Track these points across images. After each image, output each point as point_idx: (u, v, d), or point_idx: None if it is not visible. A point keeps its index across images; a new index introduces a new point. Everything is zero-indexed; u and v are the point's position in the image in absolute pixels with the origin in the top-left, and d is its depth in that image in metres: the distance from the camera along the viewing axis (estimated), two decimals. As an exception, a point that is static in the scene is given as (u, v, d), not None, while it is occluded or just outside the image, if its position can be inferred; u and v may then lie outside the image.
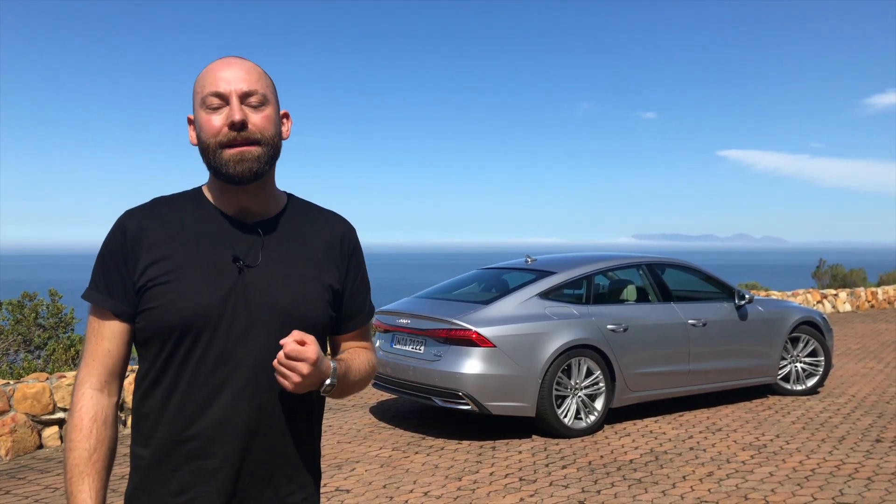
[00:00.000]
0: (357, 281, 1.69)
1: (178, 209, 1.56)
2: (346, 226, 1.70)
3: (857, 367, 9.28)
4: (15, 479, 5.24)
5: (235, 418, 1.48)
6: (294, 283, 1.55)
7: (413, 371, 6.25)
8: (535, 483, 4.95)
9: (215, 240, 1.53)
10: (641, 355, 6.55)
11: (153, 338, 1.49)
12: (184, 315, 1.45)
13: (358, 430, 6.50)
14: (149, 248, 1.49)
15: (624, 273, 7.22)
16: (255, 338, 1.49)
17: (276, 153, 1.55)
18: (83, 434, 1.46)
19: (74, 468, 1.45)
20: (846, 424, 6.33)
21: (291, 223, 1.62)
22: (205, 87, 1.49)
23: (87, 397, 1.49)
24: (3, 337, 8.50)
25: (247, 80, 1.49)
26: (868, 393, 7.65)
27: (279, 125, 1.56)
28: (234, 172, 1.48)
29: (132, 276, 1.49)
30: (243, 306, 1.49)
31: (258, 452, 1.50)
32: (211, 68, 1.51)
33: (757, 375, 7.39)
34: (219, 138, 1.48)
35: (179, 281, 1.47)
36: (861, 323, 14.14)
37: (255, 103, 1.50)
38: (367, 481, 5.07)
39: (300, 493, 1.58)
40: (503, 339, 5.98)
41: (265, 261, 1.54)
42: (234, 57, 1.53)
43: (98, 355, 1.51)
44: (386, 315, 6.85)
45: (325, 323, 1.60)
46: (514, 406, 5.99)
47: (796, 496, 4.57)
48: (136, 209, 1.56)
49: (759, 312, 7.46)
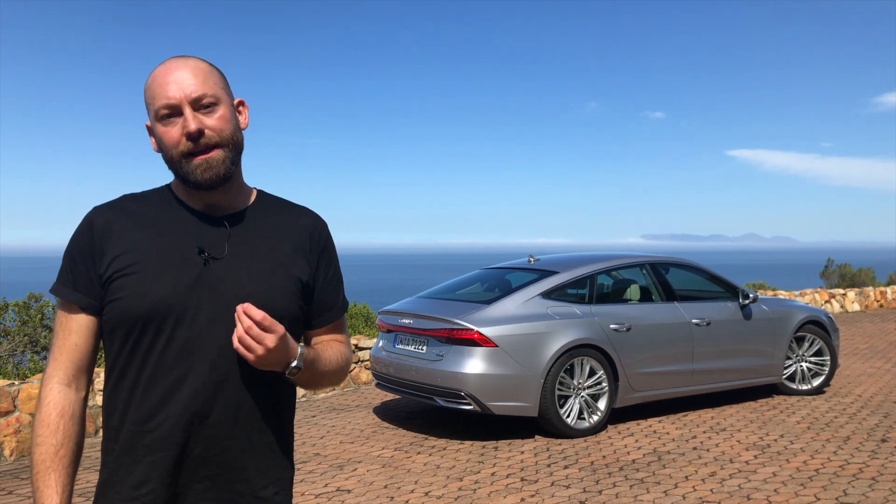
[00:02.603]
0: (329, 275, 1.68)
1: (146, 204, 1.58)
2: (317, 220, 1.70)
3: (865, 366, 9.21)
4: (18, 479, 5.26)
5: (197, 409, 1.47)
6: (261, 274, 1.55)
7: (415, 371, 6.25)
8: (536, 483, 4.94)
9: (181, 232, 1.54)
10: (645, 355, 6.53)
11: (118, 328, 1.49)
12: (147, 305, 1.46)
13: (361, 431, 6.50)
14: (116, 240, 1.50)
15: (627, 272, 7.19)
16: (220, 329, 1.49)
17: (239, 150, 1.56)
18: (50, 430, 1.46)
19: (41, 464, 1.45)
20: (852, 424, 6.29)
21: (260, 216, 1.62)
22: (155, 98, 1.49)
23: (54, 392, 1.49)
24: (10, 338, 8.56)
25: (195, 85, 1.48)
26: (875, 392, 7.60)
27: (236, 120, 1.56)
28: (203, 180, 1.50)
29: (98, 268, 1.50)
30: (208, 297, 1.49)
31: (224, 444, 1.50)
32: (156, 76, 1.50)
33: (762, 375, 7.35)
34: (180, 149, 1.49)
35: (144, 272, 1.48)
36: (870, 323, 14.04)
37: (208, 106, 1.50)
38: (368, 481, 5.07)
39: (273, 486, 1.57)
40: (505, 338, 5.97)
41: (231, 253, 1.55)
42: (176, 59, 1.53)
43: (65, 349, 1.51)
44: (388, 315, 6.86)
45: (294, 315, 1.59)
46: (516, 406, 5.98)
47: (799, 496, 4.53)
48: (105, 205, 1.57)
49: (763, 312, 7.42)
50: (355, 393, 8.29)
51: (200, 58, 1.56)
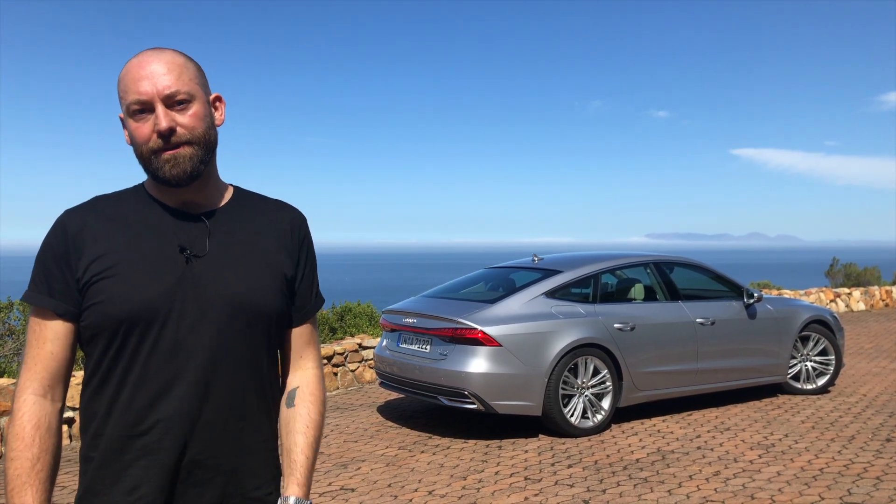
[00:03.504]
0: (307, 269, 1.65)
1: (121, 205, 1.53)
2: (296, 214, 1.67)
3: (870, 366, 9.19)
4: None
5: (189, 411, 1.44)
6: (245, 271, 1.52)
7: (419, 370, 6.25)
8: (540, 482, 4.94)
9: (160, 231, 1.49)
10: (649, 354, 6.52)
11: (99, 334, 1.44)
12: (130, 307, 1.42)
13: (365, 430, 6.51)
14: (91, 244, 1.46)
15: (631, 272, 7.18)
16: (206, 328, 1.46)
17: (210, 148, 1.52)
18: (25, 443, 1.40)
19: (16, 479, 1.39)
20: (856, 424, 6.27)
21: (238, 212, 1.59)
22: (127, 92, 1.45)
23: (29, 403, 1.43)
24: (15, 336, 8.57)
25: (168, 80, 1.44)
26: (880, 392, 7.58)
27: (210, 117, 1.53)
28: (170, 176, 1.46)
29: (75, 273, 1.45)
30: (192, 297, 1.46)
31: (216, 445, 1.47)
32: (129, 70, 1.46)
33: (766, 374, 7.34)
34: (150, 145, 1.45)
35: (124, 274, 1.43)
36: (875, 322, 14.00)
37: (181, 103, 1.46)
38: (372, 480, 5.07)
39: (265, 486, 1.55)
40: (509, 338, 5.96)
41: (213, 250, 1.51)
42: (151, 51, 1.48)
43: (40, 359, 1.45)
44: (392, 314, 6.86)
45: (280, 311, 1.57)
46: (520, 405, 5.98)
47: (803, 496, 4.52)
48: (77, 207, 1.53)
49: (768, 311, 7.40)
50: (359, 392, 8.30)
51: (177, 50, 1.51)
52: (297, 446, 1.57)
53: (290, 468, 1.56)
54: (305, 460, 1.57)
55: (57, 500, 4.74)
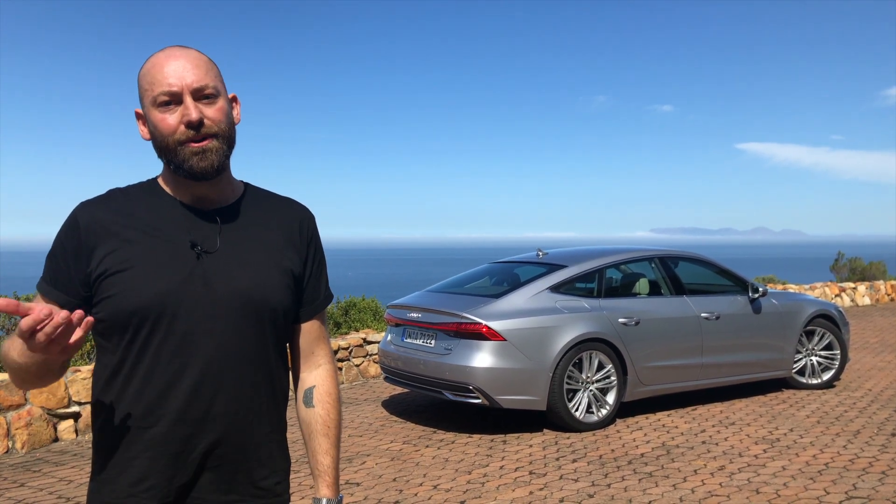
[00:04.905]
0: (315, 266, 1.68)
1: (134, 199, 1.55)
2: (305, 212, 1.70)
3: (875, 360, 9.17)
4: (30, 471, 5.31)
5: (198, 403, 1.47)
6: (254, 267, 1.55)
7: (424, 365, 6.26)
8: (544, 477, 4.94)
9: (172, 227, 1.52)
10: (654, 349, 6.51)
11: (113, 326, 1.47)
12: (141, 301, 1.44)
13: (370, 424, 6.52)
14: (104, 238, 1.48)
15: (636, 266, 7.17)
16: (216, 323, 1.48)
17: (232, 143, 1.55)
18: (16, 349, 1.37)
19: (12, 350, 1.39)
20: (862, 418, 6.26)
21: (250, 209, 1.62)
22: (154, 84, 1.47)
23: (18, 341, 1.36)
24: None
25: (196, 75, 1.47)
26: (885, 386, 7.56)
27: (231, 114, 1.56)
28: (198, 169, 1.48)
29: (87, 267, 1.47)
30: (203, 292, 1.49)
31: (224, 437, 1.50)
32: (156, 63, 1.48)
33: (771, 369, 7.33)
34: (176, 136, 1.47)
35: (136, 268, 1.46)
36: (880, 317, 13.97)
37: (208, 97, 1.49)
38: (377, 474, 5.08)
39: (273, 477, 1.58)
40: (514, 332, 5.96)
41: (224, 246, 1.54)
42: (177, 48, 1.51)
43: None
44: (397, 309, 6.87)
45: (288, 307, 1.59)
46: (524, 400, 5.98)
47: (808, 490, 4.52)
48: (91, 200, 1.55)
49: (773, 306, 7.39)
50: (364, 387, 8.31)
51: (198, 50, 1.54)
52: (321, 448, 1.64)
53: (318, 470, 1.63)
54: (332, 461, 1.64)
55: (64, 493, 4.76)
